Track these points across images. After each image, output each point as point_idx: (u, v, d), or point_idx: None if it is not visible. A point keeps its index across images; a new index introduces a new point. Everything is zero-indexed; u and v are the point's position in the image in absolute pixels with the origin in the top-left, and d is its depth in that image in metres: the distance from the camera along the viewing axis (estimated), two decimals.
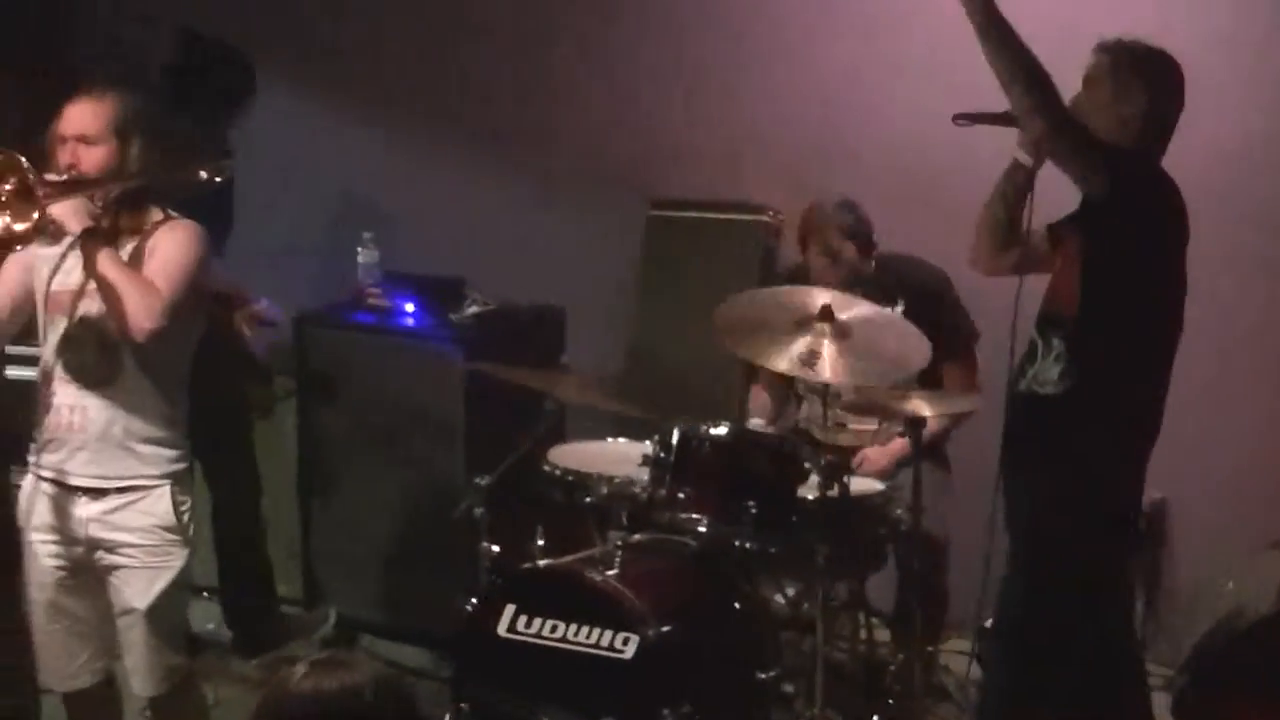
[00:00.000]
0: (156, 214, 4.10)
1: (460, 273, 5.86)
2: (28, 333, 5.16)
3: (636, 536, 4.49)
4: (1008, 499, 4.20)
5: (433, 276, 5.85)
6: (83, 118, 4.05)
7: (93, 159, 4.02)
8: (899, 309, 4.98)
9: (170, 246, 4.01)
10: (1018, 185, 4.10)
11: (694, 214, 6.10)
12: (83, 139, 4.02)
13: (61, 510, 4.05)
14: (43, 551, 4.09)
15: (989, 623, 5.35)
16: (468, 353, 5.46)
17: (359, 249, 5.91)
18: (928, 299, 5.05)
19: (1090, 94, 4.02)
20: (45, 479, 4.08)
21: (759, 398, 5.37)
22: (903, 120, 5.68)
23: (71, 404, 4.05)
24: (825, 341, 4.30)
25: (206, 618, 5.61)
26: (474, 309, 5.70)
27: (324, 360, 5.76)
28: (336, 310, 5.85)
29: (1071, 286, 4.01)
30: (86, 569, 4.07)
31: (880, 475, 4.86)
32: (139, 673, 4.13)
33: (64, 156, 4.02)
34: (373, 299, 5.76)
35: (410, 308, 5.71)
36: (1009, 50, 3.75)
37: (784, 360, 4.33)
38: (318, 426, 5.79)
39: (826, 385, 4.54)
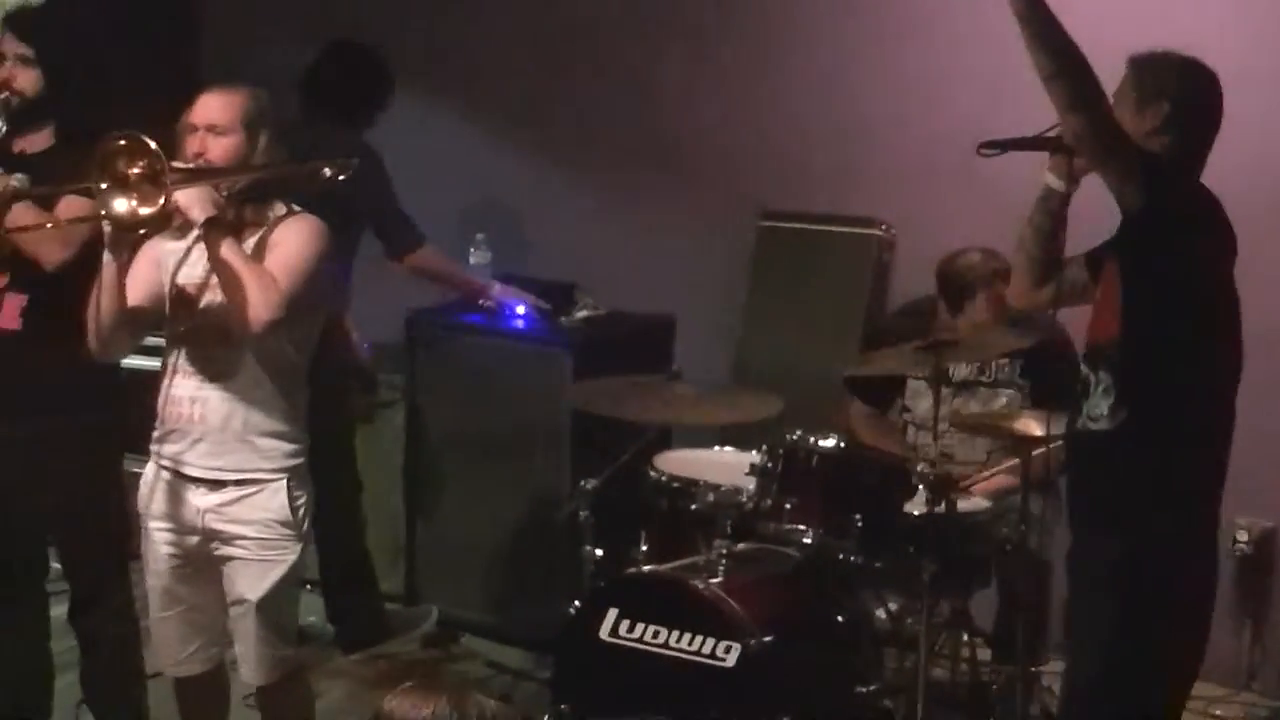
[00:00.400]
0: (280, 208, 4.15)
1: (571, 278, 5.90)
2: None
3: (741, 546, 4.49)
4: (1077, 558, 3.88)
5: (544, 280, 5.89)
6: (213, 108, 4.11)
7: (221, 149, 4.08)
8: (1019, 363, 5.02)
9: (291, 241, 4.06)
10: (1052, 212, 3.93)
11: (805, 225, 6.09)
12: (212, 129, 4.09)
13: (179, 499, 4.11)
14: (159, 539, 4.15)
15: None
16: (576, 357, 5.49)
17: (471, 250, 5.95)
18: (1044, 355, 4.91)
19: (1118, 109, 3.84)
20: (165, 468, 4.14)
21: (859, 412, 5.33)
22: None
23: (192, 396, 4.11)
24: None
25: (309, 611, 5.65)
26: (584, 314, 5.72)
27: (433, 360, 5.80)
28: (447, 311, 5.89)
29: (1112, 314, 3.83)
30: (201, 558, 4.12)
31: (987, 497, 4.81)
32: (248, 662, 4.18)
33: (193, 145, 4.09)
34: (484, 301, 5.80)
35: (521, 310, 5.74)
36: (1050, 40, 3.54)
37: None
38: (425, 425, 5.84)
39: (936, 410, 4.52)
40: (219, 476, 4.07)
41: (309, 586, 5.63)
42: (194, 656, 4.25)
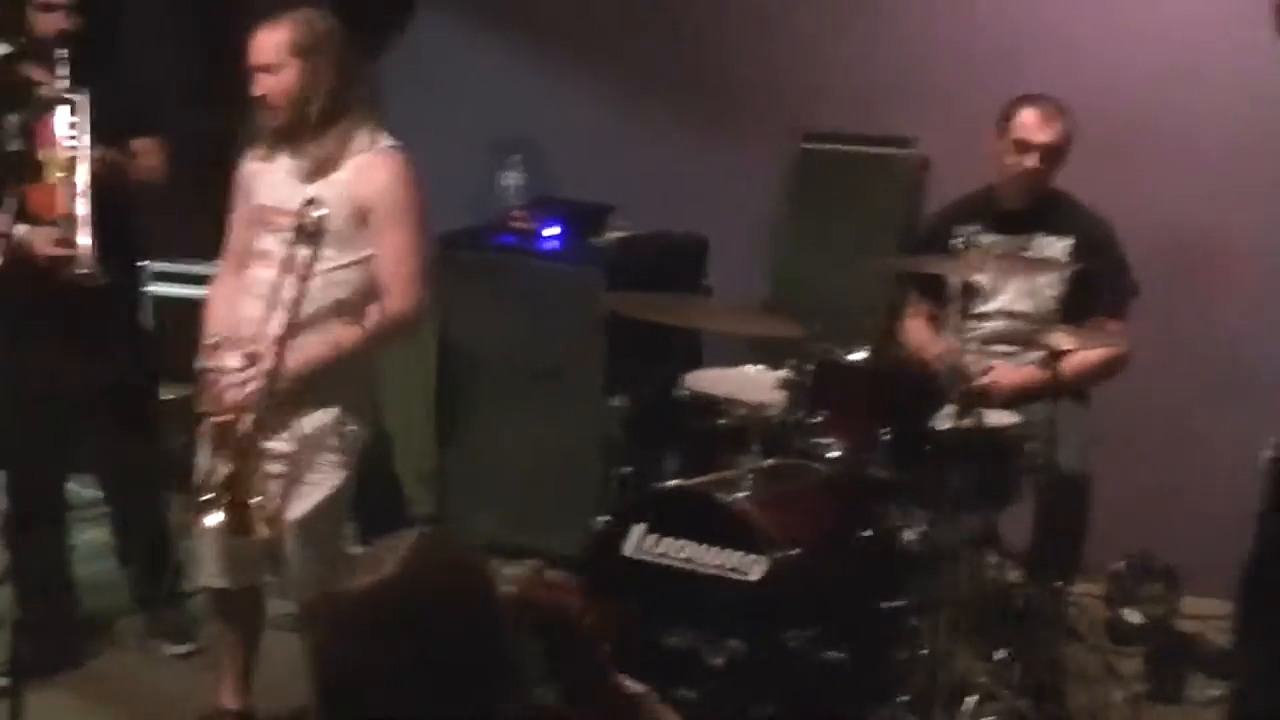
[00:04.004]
0: (362, 139, 4.15)
1: (606, 200, 5.89)
2: (187, 250, 5.28)
3: (768, 461, 4.49)
4: None
5: (577, 201, 5.89)
6: (262, 48, 4.12)
7: (279, 87, 4.09)
8: (1068, 243, 4.97)
9: (393, 215, 4.11)
10: None
11: (843, 147, 6.04)
12: (265, 69, 4.10)
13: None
14: (207, 454, 4.17)
15: (1120, 565, 5.34)
16: (609, 277, 5.49)
17: (504, 171, 5.95)
18: (1092, 245, 4.97)
19: None
20: None
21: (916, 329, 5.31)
22: (1061, 55, 5.59)
23: (259, 318, 4.12)
24: None
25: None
26: (617, 234, 5.72)
27: (464, 282, 5.81)
28: (480, 232, 5.90)
29: None
30: None
31: (1010, 397, 4.76)
32: (289, 582, 4.22)
33: (255, 88, 4.11)
34: (516, 221, 5.80)
35: (554, 231, 5.74)
36: None
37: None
38: (456, 347, 5.84)
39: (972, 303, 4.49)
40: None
41: None
42: (229, 571, 4.30)
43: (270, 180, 4.21)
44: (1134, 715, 4.56)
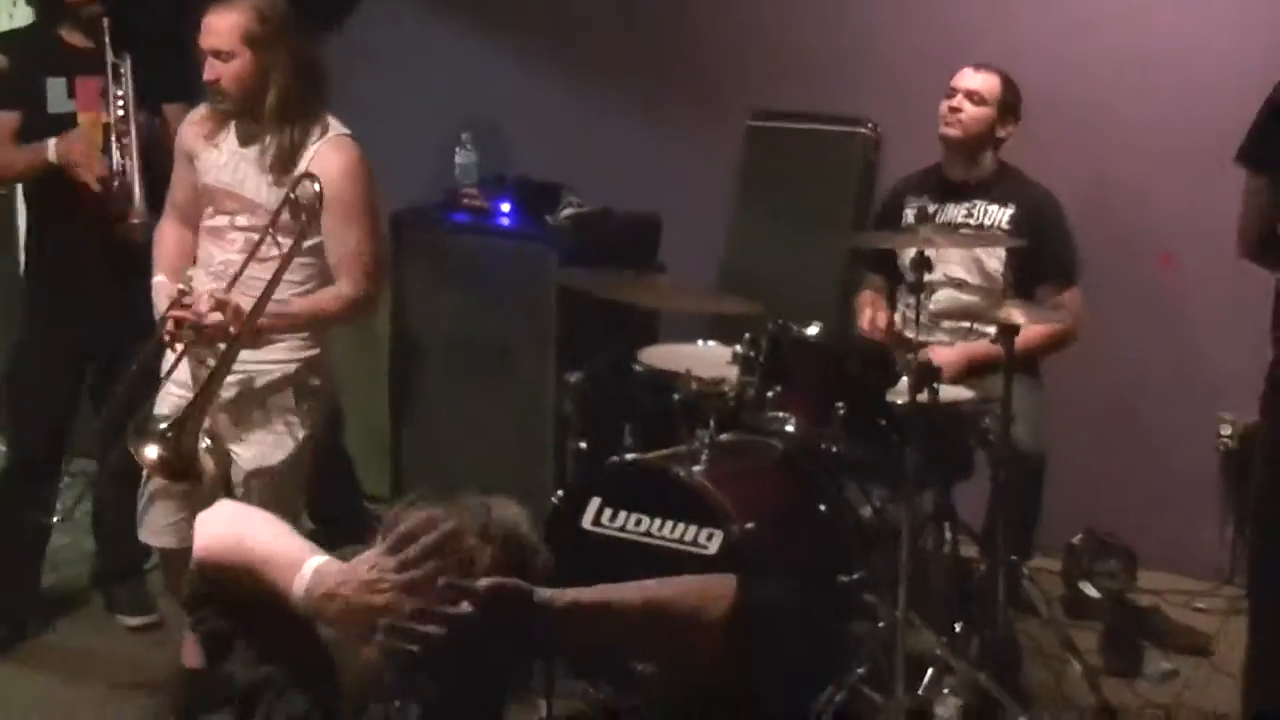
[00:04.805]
0: (316, 130, 4.13)
1: (559, 179, 5.86)
2: None
3: (724, 436, 4.48)
4: None
5: (530, 179, 5.86)
6: (213, 32, 4.07)
7: (230, 74, 4.06)
8: (1009, 212, 5.00)
9: (343, 208, 4.09)
10: None
11: (793, 125, 6.03)
12: (217, 54, 4.06)
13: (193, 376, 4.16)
14: (167, 407, 4.16)
15: (1077, 539, 5.36)
16: (562, 255, 5.46)
17: (456, 150, 5.92)
18: (1034, 214, 5.00)
19: None
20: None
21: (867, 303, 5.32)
22: (1005, 35, 5.59)
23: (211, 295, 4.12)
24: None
25: None
26: (570, 212, 5.69)
27: (417, 259, 5.78)
28: (432, 210, 5.87)
29: None
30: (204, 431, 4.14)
31: (956, 376, 4.77)
32: None
33: (205, 72, 4.07)
34: (469, 199, 5.77)
35: (507, 209, 5.71)
36: None
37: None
38: (409, 323, 5.81)
39: (922, 274, 4.50)
40: (237, 370, 4.10)
41: None
42: (174, 530, 4.28)
43: (216, 161, 4.19)
44: (1091, 689, 4.56)
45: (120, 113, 4.58)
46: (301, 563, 2.36)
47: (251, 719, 2.39)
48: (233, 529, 2.46)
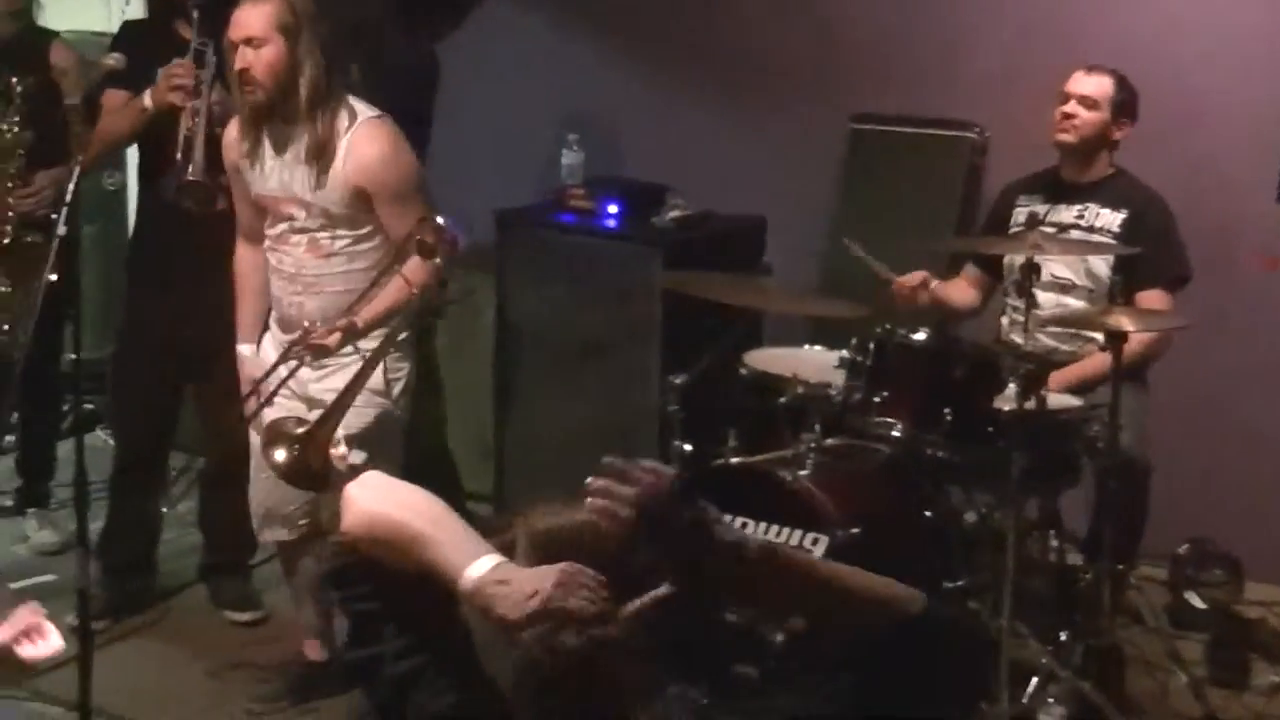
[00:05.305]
0: (344, 117, 4.19)
1: (664, 180, 5.88)
2: None
3: (829, 440, 4.47)
4: None
5: (636, 180, 5.88)
6: (247, 20, 4.15)
7: (262, 61, 4.11)
8: (1120, 216, 4.96)
9: (392, 192, 4.16)
10: None
11: (897, 128, 6.02)
12: (249, 42, 4.12)
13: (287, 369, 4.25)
14: (278, 411, 4.24)
15: (1183, 549, 5.31)
16: (667, 256, 5.47)
17: (563, 150, 5.95)
18: (1145, 219, 4.96)
19: None
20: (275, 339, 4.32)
21: (963, 289, 5.31)
22: (1115, 40, 5.55)
23: (289, 300, 4.26)
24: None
25: None
26: (675, 214, 5.70)
27: (523, 259, 5.80)
28: (538, 209, 5.90)
29: None
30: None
31: (1071, 390, 4.75)
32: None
33: (237, 62, 4.12)
34: (575, 200, 5.80)
35: (613, 209, 5.73)
36: None
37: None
38: (514, 324, 5.84)
39: (1030, 281, 4.49)
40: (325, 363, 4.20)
41: None
42: (282, 522, 4.41)
43: (261, 174, 4.28)
44: (1196, 700, 4.53)
45: (198, 90, 4.64)
46: (477, 554, 2.32)
47: (399, 708, 2.37)
48: (394, 503, 2.42)
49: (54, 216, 4.42)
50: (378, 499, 2.43)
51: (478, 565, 2.29)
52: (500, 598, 2.27)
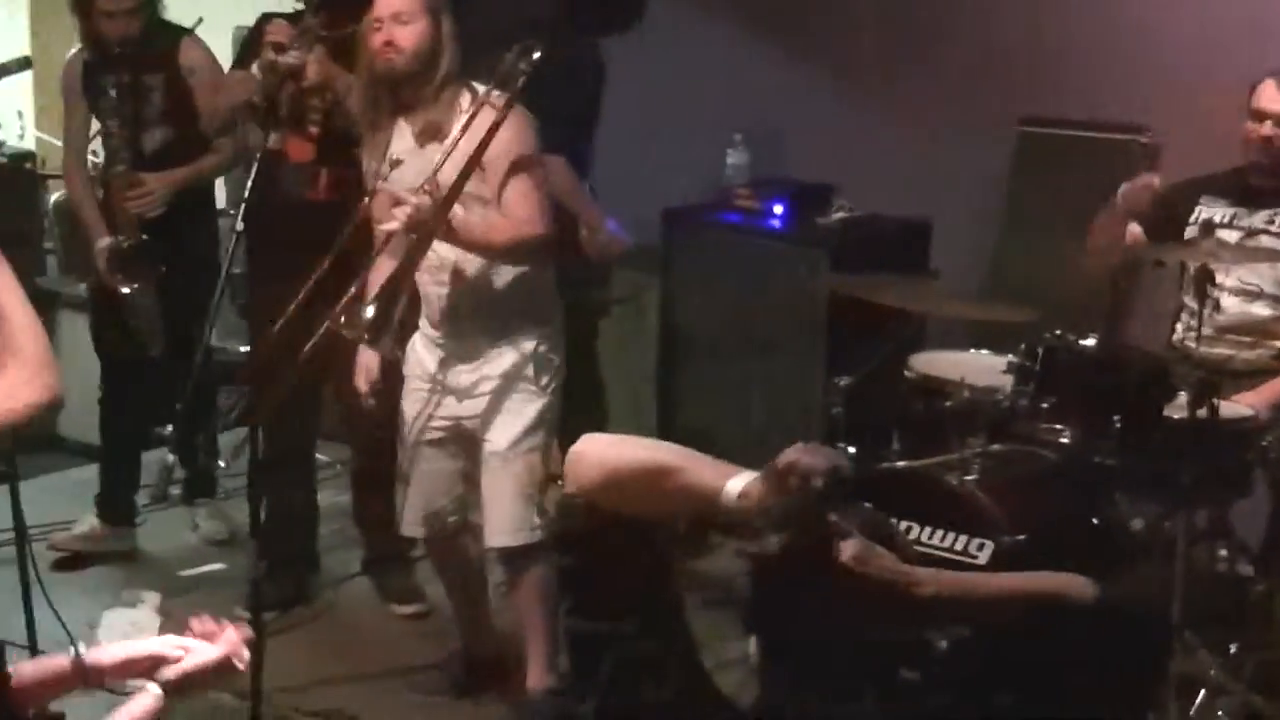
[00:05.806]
0: (466, 95, 4.22)
1: (828, 180, 5.87)
2: None
3: (996, 445, 4.44)
4: None
5: (802, 181, 5.88)
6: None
7: (409, 37, 4.15)
8: None
9: (518, 167, 4.16)
10: None
11: (1065, 131, 5.96)
12: (397, 17, 4.16)
13: (437, 363, 4.32)
14: (414, 399, 4.32)
15: None
16: (833, 258, 5.47)
17: (728, 150, 5.97)
18: None
19: None
20: (426, 339, 4.35)
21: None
22: None
23: (438, 295, 4.28)
24: None
25: None
26: (840, 215, 5.70)
27: (688, 258, 5.83)
28: (703, 209, 5.93)
29: None
30: (452, 421, 4.29)
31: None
32: (489, 523, 4.29)
33: (380, 38, 4.16)
34: (742, 199, 5.81)
35: (779, 210, 5.74)
36: None
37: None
38: (678, 323, 5.87)
39: (1205, 291, 4.43)
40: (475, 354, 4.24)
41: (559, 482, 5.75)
42: (425, 519, 4.44)
43: (401, 173, 4.28)
44: None
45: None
46: (730, 473, 2.75)
47: (595, 669, 2.42)
48: (632, 445, 2.55)
49: (232, 212, 4.47)
50: (613, 447, 2.56)
51: (737, 479, 2.69)
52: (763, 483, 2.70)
